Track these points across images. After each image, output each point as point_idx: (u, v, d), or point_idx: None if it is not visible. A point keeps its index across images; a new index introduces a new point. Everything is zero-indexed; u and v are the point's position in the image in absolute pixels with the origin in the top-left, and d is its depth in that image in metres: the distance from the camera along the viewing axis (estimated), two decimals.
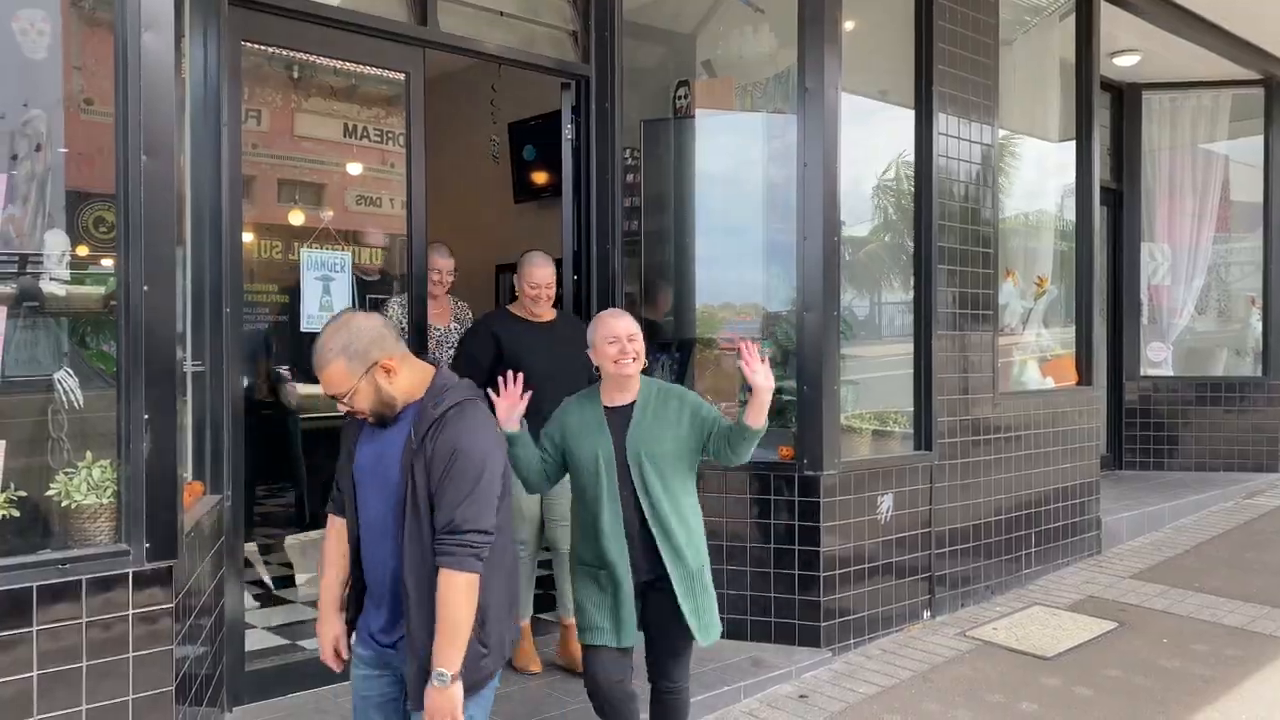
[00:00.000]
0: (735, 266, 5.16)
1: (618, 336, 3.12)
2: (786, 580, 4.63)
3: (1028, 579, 5.85)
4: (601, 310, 3.63)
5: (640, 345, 3.16)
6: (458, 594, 2.31)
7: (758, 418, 3.04)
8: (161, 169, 2.84)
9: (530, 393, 3.13)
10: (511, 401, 3.09)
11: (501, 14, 4.65)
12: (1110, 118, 8.64)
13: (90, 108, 3.18)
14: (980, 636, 4.96)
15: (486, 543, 2.35)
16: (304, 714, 3.79)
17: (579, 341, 3.38)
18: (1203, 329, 9.03)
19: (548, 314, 4.35)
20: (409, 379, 2.45)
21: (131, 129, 2.80)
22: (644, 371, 3.25)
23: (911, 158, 5.29)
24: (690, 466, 3.19)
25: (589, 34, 4.88)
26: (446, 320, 4.87)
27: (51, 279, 2.98)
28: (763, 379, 3.02)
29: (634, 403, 3.15)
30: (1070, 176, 6.67)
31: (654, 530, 3.08)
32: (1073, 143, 6.64)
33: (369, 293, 5.59)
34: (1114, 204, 8.70)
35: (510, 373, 3.14)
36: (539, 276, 4.24)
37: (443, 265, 4.77)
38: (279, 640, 4.46)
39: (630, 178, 5.10)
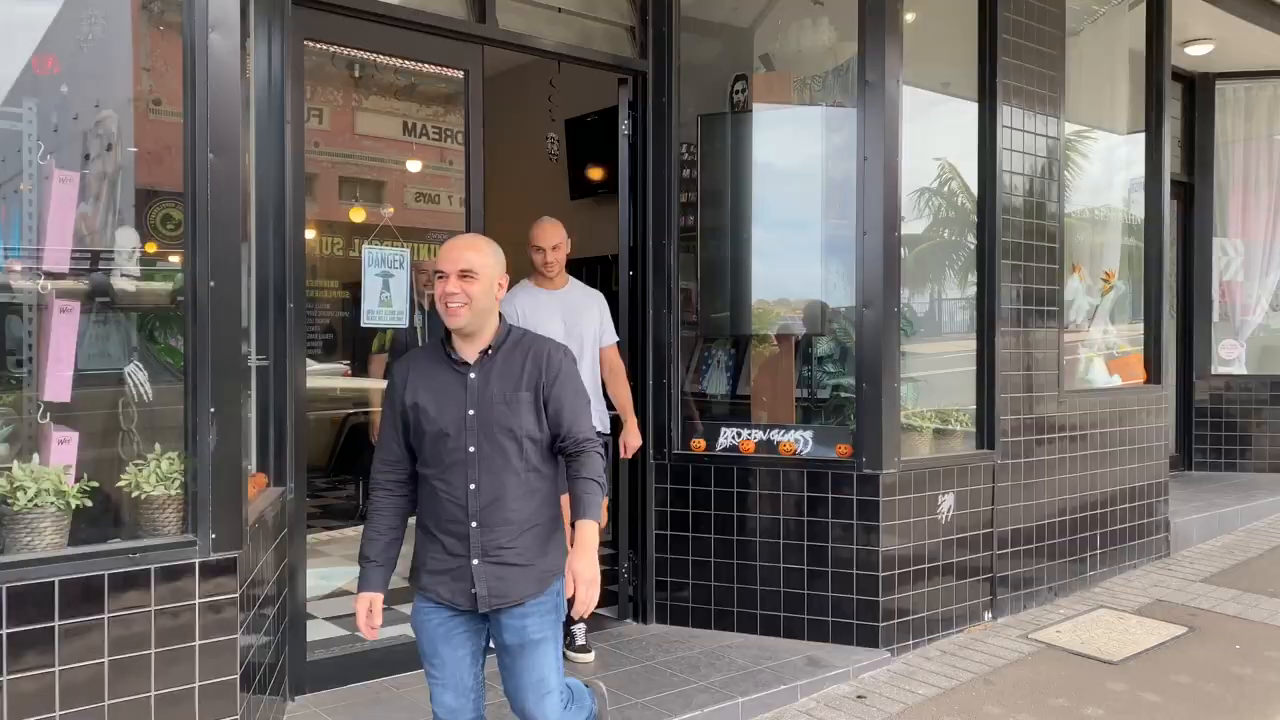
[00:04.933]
0: (792, 262, 5.12)
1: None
2: (844, 579, 4.58)
3: (1093, 581, 5.72)
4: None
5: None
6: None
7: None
8: (228, 167, 2.89)
9: None
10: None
11: (559, 10, 4.66)
12: (1181, 109, 8.40)
13: (158, 108, 3.25)
14: (1043, 639, 4.86)
15: None
16: (363, 703, 3.85)
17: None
18: (1278, 326, 8.75)
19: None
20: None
21: (199, 128, 2.85)
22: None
23: (974, 151, 5.20)
24: None
25: (646, 29, 4.88)
26: None
27: (122, 275, 3.05)
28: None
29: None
30: (1139, 169, 6.51)
31: None
32: (1142, 135, 6.48)
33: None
34: (1184, 197, 8.45)
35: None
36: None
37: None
38: (340, 631, 4.51)
39: (687, 173, 5.08)
